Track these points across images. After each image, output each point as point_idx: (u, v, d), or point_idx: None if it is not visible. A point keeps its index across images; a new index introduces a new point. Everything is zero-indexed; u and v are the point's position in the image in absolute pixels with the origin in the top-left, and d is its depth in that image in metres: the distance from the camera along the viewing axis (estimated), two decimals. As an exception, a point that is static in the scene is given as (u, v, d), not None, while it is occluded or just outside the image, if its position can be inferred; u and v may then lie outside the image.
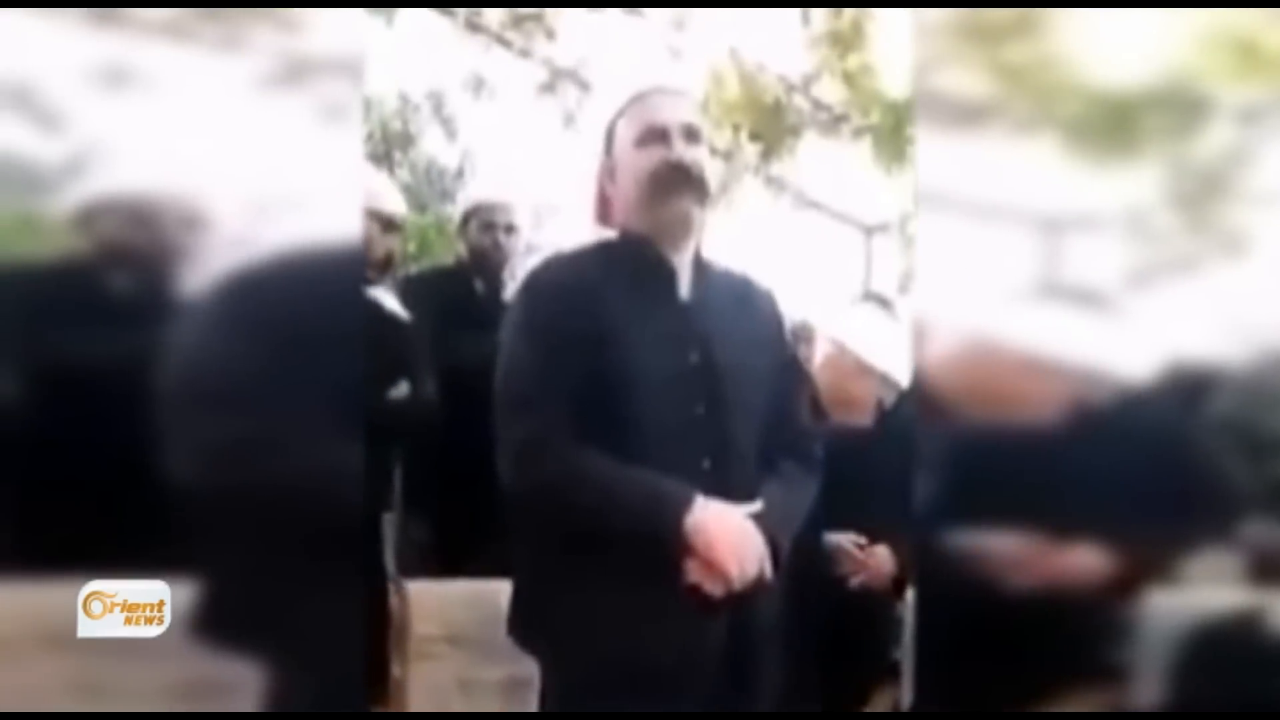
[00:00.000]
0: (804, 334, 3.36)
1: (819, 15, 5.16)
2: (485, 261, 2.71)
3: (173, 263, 1.27)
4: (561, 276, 1.60)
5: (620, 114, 1.62)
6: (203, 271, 1.25)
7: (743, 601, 1.46)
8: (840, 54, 5.23)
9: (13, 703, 1.19)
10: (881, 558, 2.32)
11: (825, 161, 5.17)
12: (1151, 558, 1.28)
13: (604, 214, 1.69)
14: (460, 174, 4.55)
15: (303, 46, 1.25)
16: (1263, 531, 1.28)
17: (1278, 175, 1.25)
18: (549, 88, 4.15)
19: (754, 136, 4.88)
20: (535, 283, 1.61)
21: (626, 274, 1.56)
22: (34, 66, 1.22)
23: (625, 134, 1.60)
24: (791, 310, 3.26)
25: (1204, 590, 1.29)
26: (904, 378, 2.38)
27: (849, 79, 5.22)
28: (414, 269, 3.00)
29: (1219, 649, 1.26)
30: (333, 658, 1.21)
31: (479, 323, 2.48)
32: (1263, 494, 1.29)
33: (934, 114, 1.40)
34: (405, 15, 3.54)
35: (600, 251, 1.64)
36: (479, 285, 2.71)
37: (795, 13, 5.09)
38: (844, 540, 2.33)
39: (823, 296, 4.25)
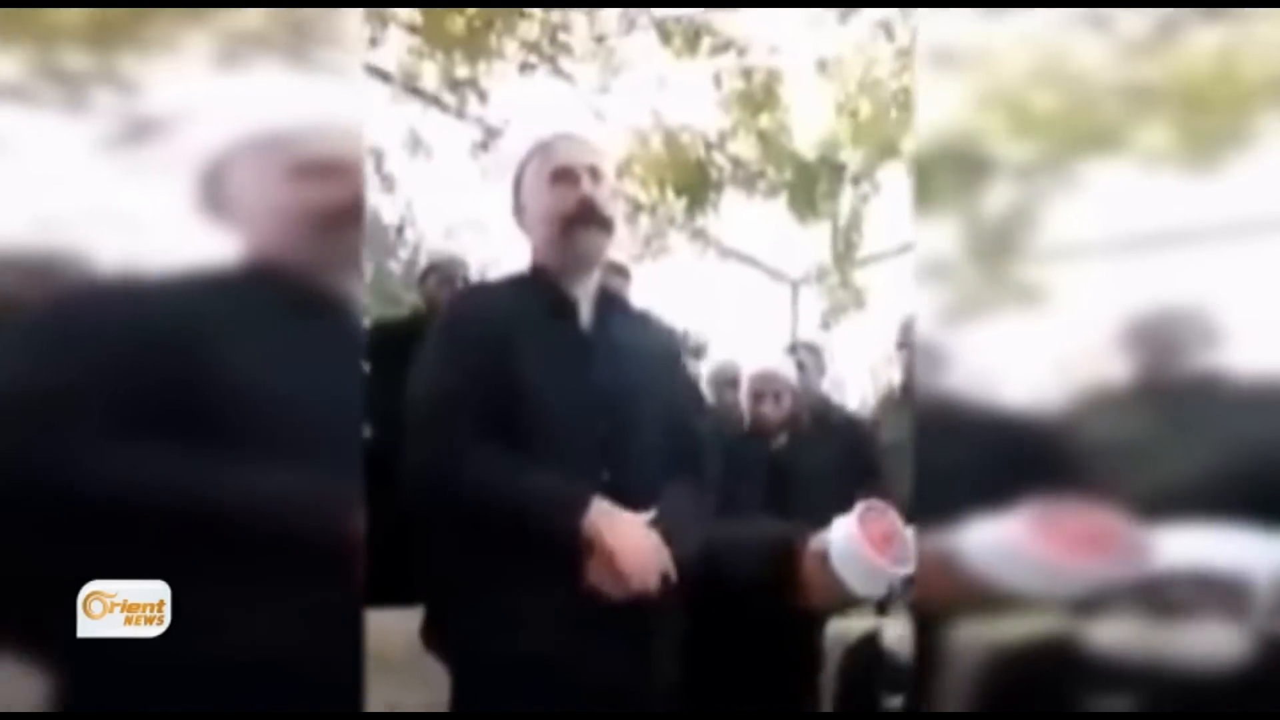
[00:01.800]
0: (730, 377, 3.46)
1: (729, 77, 5.34)
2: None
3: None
4: (473, 304, 1.71)
5: (529, 158, 1.71)
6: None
7: (645, 605, 1.50)
8: (752, 113, 5.42)
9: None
10: None
11: (746, 215, 5.33)
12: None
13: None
14: (400, 230, 4.57)
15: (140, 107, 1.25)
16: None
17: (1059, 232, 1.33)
18: (482, 146, 4.23)
19: (679, 192, 5.02)
20: (450, 309, 1.72)
21: (533, 305, 1.66)
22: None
23: (534, 177, 1.70)
24: (720, 354, 3.37)
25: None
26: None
27: (762, 137, 5.41)
28: (374, 318, 3.02)
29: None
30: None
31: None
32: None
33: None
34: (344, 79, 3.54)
35: (512, 285, 1.73)
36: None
37: (708, 76, 5.27)
38: None
39: (750, 344, 4.35)
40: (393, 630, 1.92)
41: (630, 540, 1.48)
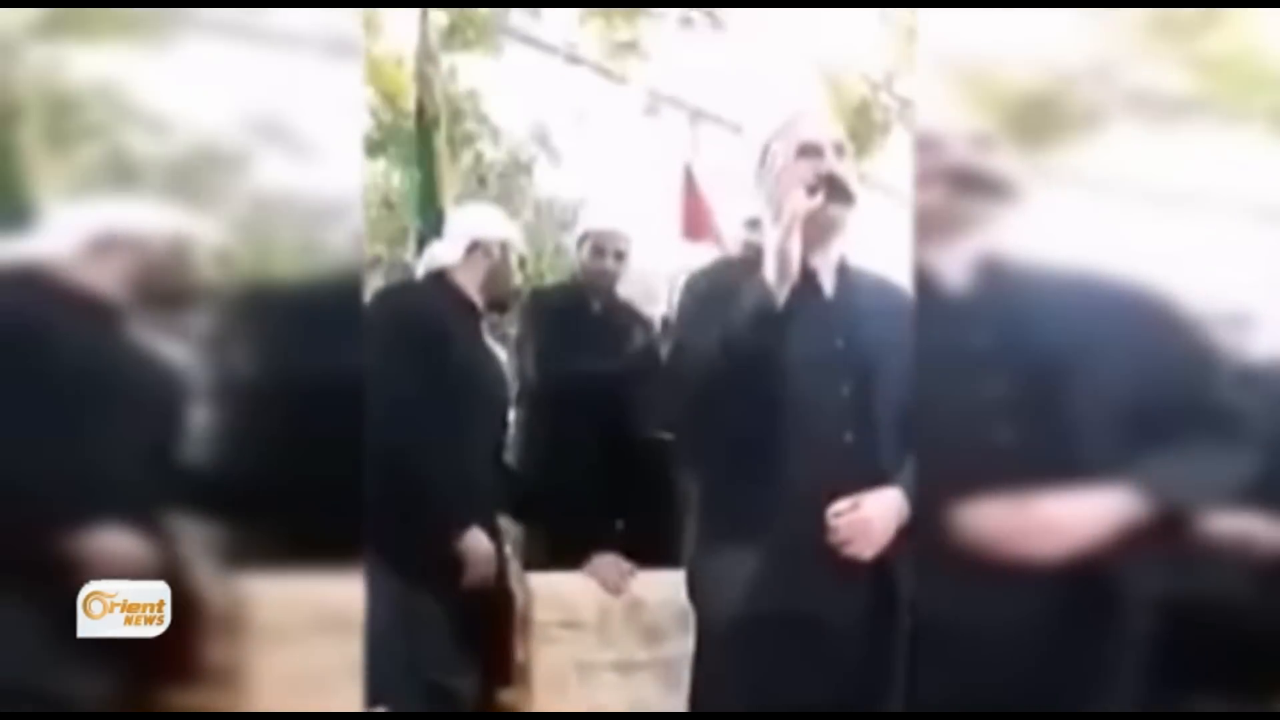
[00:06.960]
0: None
1: (896, 11, 5.05)
2: (598, 282, 2.78)
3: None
4: (714, 277, 1.80)
5: (774, 136, 1.76)
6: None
7: (883, 567, 1.57)
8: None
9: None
10: None
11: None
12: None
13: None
14: (578, 207, 4.56)
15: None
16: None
17: None
18: (651, 110, 4.16)
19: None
20: (693, 283, 1.82)
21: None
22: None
23: (782, 150, 1.72)
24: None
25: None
26: None
27: (932, 72, 5.10)
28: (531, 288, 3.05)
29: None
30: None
31: (593, 334, 2.66)
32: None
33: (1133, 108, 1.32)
34: (510, 51, 3.61)
35: (747, 262, 1.79)
36: (594, 303, 2.78)
37: (873, 12, 5.00)
38: None
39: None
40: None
41: (878, 506, 1.56)
